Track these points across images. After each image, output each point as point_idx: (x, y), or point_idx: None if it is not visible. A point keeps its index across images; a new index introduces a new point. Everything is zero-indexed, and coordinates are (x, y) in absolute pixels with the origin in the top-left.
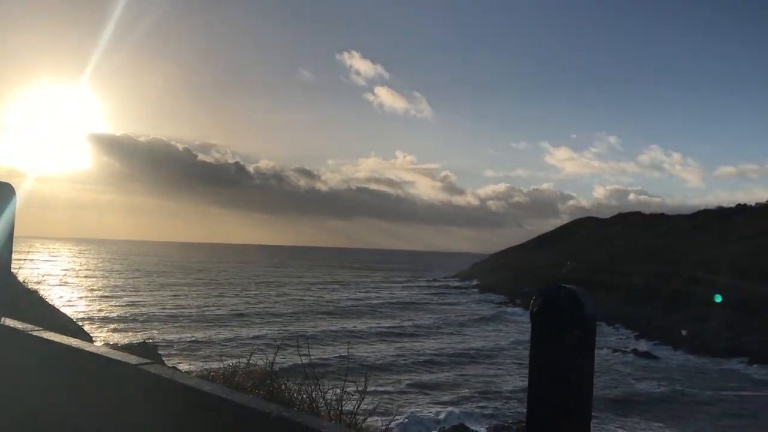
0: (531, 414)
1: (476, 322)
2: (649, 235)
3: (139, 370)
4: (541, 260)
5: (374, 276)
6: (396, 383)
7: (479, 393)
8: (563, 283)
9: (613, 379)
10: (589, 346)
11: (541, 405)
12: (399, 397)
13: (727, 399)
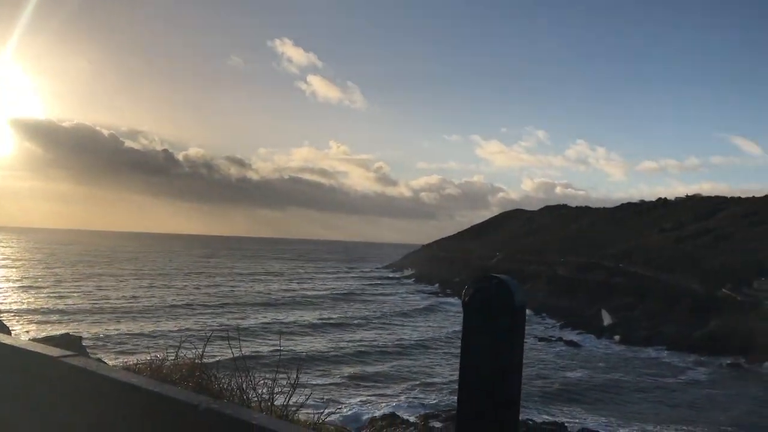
0: (461, 400)
1: (411, 313)
2: (574, 227)
3: (61, 362)
4: (472, 251)
5: (307, 267)
6: (330, 375)
7: (412, 383)
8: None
9: (542, 367)
10: (519, 334)
11: (471, 392)
12: (333, 389)
13: (652, 386)
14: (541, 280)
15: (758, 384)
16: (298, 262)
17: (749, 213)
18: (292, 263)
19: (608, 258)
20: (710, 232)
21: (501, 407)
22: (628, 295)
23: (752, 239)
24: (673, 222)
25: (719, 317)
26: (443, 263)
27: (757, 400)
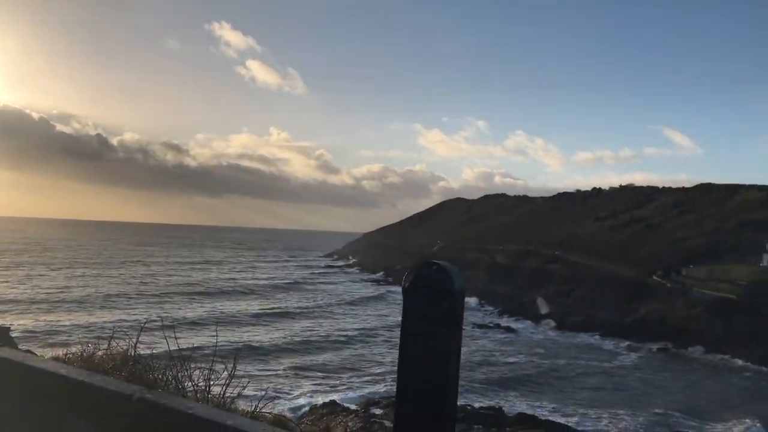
0: (401, 384)
1: (355, 302)
2: (513, 216)
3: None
4: (414, 239)
5: (248, 255)
6: (271, 365)
7: (354, 372)
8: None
9: (481, 354)
10: (458, 320)
11: (410, 376)
12: (274, 379)
13: (587, 370)
14: (481, 268)
15: (686, 367)
16: (238, 250)
17: (679, 203)
18: (231, 252)
19: (545, 246)
20: (642, 221)
21: (439, 391)
22: (564, 282)
23: (681, 228)
24: (607, 211)
25: (650, 304)
26: (385, 251)
27: (685, 382)
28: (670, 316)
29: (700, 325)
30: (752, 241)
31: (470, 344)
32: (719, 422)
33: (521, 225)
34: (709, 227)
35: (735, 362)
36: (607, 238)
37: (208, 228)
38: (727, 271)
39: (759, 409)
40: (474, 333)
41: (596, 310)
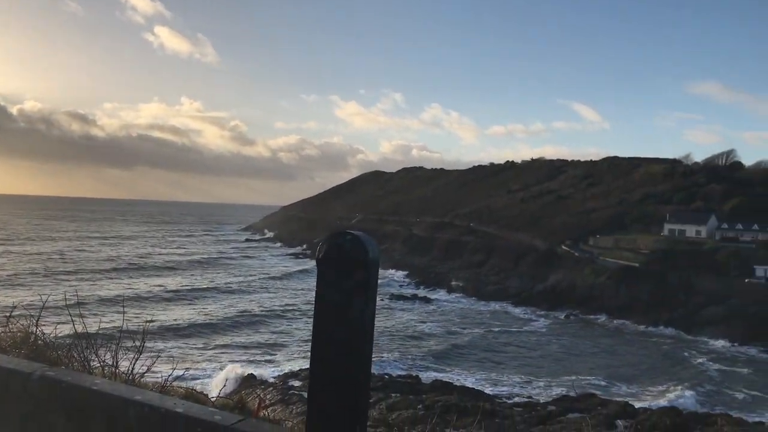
0: (315, 355)
1: (276, 278)
2: (430, 188)
3: None
4: (333, 212)
5: (162, 229)
6: (188, 341)
7: (274, 346)
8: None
9: (398, 323)
10: (372, 289)
11: (325, 346)
12: (190, 355)
13: (501, 336)
14: (398, 240)
15: (594, 333)
16: (151, 224)
17: (588, 175)
18: (144, 226)
19: (460, 217)
20: (553, 193)
21: (354, 361)
22: (478, 252)
23: (589, 200)
24: (519, 183)
25: (559, 272)
26: (304, 225)
27: (598, 347)
28: (578, 284)
29: (606, 292)
30: (654, 212)
31: (388, 315)
32: (643, 387)
33: (438, 197)
34: (615, 199)
35: (636, 327)
36: (520, 210)
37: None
38: (631, 241)
39: (681, 374)
40: (391, 304)
41: (508, 278)
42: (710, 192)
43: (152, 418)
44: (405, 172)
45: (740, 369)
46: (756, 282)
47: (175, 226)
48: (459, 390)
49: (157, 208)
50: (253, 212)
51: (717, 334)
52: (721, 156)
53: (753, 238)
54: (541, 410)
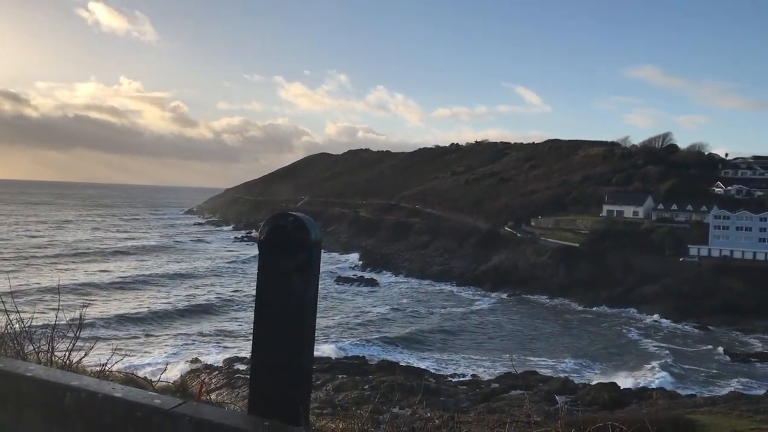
0: (257, 337)
1: (226, 263)
2: (376, 170)
3: None
4: (279, 194)
5: (104, 213)
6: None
7: (221, 331)
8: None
9: (345, 305)
10: (314, 270)
11: (267, 328)
12: (133, 339)
13: (447, 316)
14: (345, 222)
15: (533, 312)
16: (91, 208)
17: (530, 158)
18: (84, 210)
19: (406, 199)
20: (496, 175)
21: (296, 342)
22: (424, 233)
23: (531, 181)
24: (464, 166)
25: (502, 253)
26: (250, 207)
27: (533, 325)
28: (520, 264)
29: (547, 271)
30: (594, 193)
31: (335, 296)
32: (583, 363)
33: (384, 179)
34: (556, 180)
35: (577, 306)
36: (464, 192)
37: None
38: (571, 221)
39: (620, 350)
40: (338, 286)
41: (453, 259)
42: (647, 174)
43: (90, 404)
44: (351, 154)
45: (675, 345)
46: (689, 261)
47: (117, 209)
48: (405, 370)
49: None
50: (197, 195)
51: (653, 312)
52: (658, 139)
53: (687, 219)
54: (485, 388)
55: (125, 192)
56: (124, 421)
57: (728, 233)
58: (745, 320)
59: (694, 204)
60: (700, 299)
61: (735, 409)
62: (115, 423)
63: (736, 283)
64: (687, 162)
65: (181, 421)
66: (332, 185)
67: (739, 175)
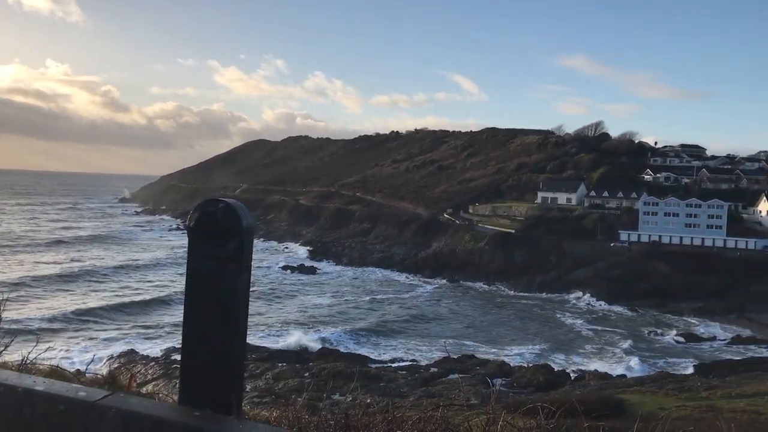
0: (188, 328)
1: (168, 255)
2: (315, 158)
3: None
4: (216, 181)
5: (34, 201)
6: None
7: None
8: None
9: (286, 294)
10: (246, 259)
11: (198, 318)
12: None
13: (391, 302)
14: (284, 210)
15: (471, 297)
16: (20, 196)
17: (468, 146)
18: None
19: (347, 187)
20: (435, 163)
21: (228, 332)
22: (364, 221)
23: (469, 169)
24: (404, 153)
25: (440, 239)
26: (187, 195)
27: (471, 310)
28: (458, 250)
29: (484, 257)
30: (529, 180)
31: (276, 286)
32: (519, 346)
33: (324, 167)
34: (493, 168)
35: (513, 291)
36: (404, 179)
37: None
38: (507, 208)
39: (554, 333)
40: (279, 275)
41: (394, 246)
42: (580, 162)
43: (8, 398)
44: (290, 141)
45: (607, 327)
46: (620, 246)
47: (49, 197)
48: (345, 357)
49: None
50: (131, 182)
51: (586, 295)
52: (590, 127)
53: (618, 205)
54: (424, 372)
55: (56, 179)
56: (45, 415)
57: (657, 219)
58: (673, 302)
59: (625, 191)
60: (631, 282)
61: (662, 388)
62: (34, 417)
63: (665, 267)
64: (618, 150)
65: (107, 413)
66: (271, 172)
67: (667, 162)
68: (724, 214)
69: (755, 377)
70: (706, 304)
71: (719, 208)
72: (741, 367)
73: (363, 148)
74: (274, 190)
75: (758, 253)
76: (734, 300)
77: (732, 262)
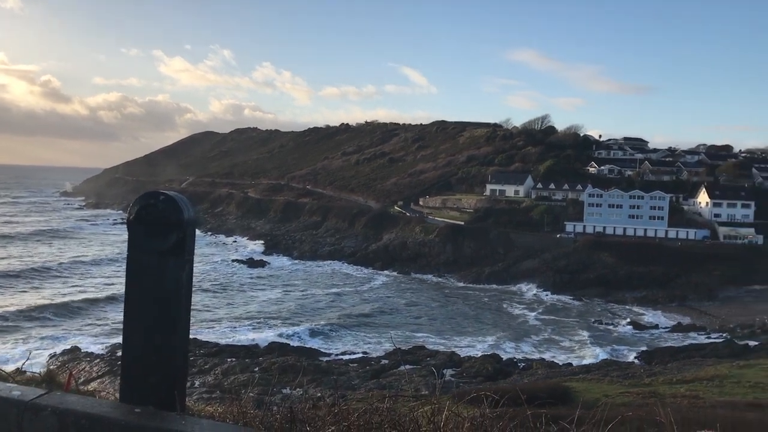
0: (129, 322)
1: (112, 249)
2: (264, 150)
3: None
4: (162, 174)
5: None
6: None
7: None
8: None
9: (237, 288)
10: (188, 251)
11: (138, 313)
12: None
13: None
14: (233, 203)
15: (422, 289)
16: None
17: (418, 138)
18: None
19: (297, 179)
20: (385, 156)
21: (170, 326)
22: (315, 214)
23: (419, 162)
24: (354, 146)
25: (391, 232)
26: (132, 188)
27: (422, 301)
28: (409, 243)
29: (435, 249)
30: (478, 173)
31: (224, 280)
32: (468, 337)
33: (273, 159)
34: (443, 161)
35: (463, 282)
36: (355, 172)
37: None
38: (457, 200)
39: (503, 324)
40: (228, 269)
41: (345, 239)
42: (527, 154)
43: None
44: (238, 133)
45: (555, 317)
46: (566, 237)
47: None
48: (296, 350)
49: None
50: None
51: (533, 286)
52: (537, 121)
53: (564, 197)
54: (375, 365)
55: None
56: None
57: (601, 211)
58: (617, 292)
59: (570, 183)
60: (577, 273)
61: (607, 375)
62: None
63: (609, 258)
64: (564, 143)
65: (42, 412)
66: (219, 165)
67: (611, 155)
68: (665, 206)
69: (694, 363)
70: (649, 294)
71: (661, 199)
72: (682, 354)
73: (313, 140)
74: (222, 183)
75: (698, 243)
76: (675, 289)
77: (673, 253)
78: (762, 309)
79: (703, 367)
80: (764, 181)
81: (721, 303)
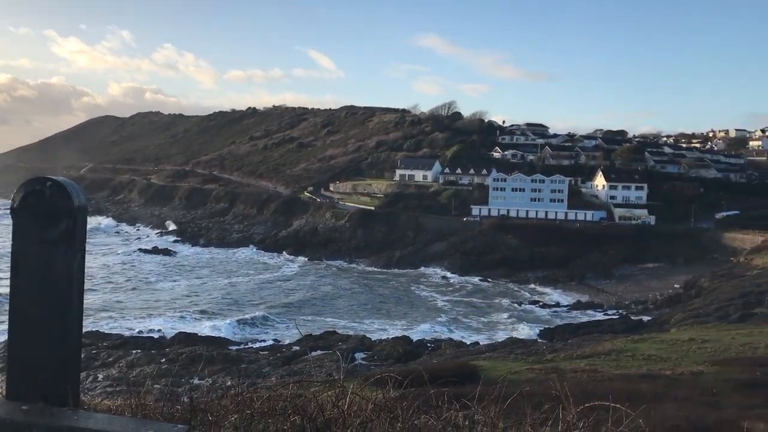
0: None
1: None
2: (168, 134)
3: None
4: (59, 160)
5: None
6: None
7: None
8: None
9: (141, 278)
10: (80, 240)
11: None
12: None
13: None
14: (135, 190)
15: (333, 274)
16: None
17: (327, 123)
18: None
19: (202, 165)
20: (295, 140)
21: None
22: (222, 200)
23: (329, 147)
24: (262, 130)
25: (301, 218)
26: (25, 176)
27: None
28: (320, 228)
29: (346, 234)
30: (387, 158)
31: (128, 270)
32: (380, 321)
33: (177, 144)
34: (352, 146)
35: (373, 266)
36: (263, 157)
37: None
38: (367, 186)
39: (414, 306)
40: (132, 259)
41: (253, 226)
42: (435, 140)
43: None
44: (140, 117)
45: (461, 297)
46: (472, 220)
47: None
48: (204, 340)
49: None
50: None
51: (442, 268)
52: (444, 107)
53: (470, 182)
54: (286, 351)
55: None
56: None
57: (505, 194)
58: (520, 272)
59: (476, 168)
60: (483, 255)
61: (512, 353)
62: None
63: (512, 240)
64: (469, 129)
65: None
66: (120, 150)
67: (514, 140)
68: (565, 189)
69: (593, 339)
70: (550, 273)
71: (561, 183)
72: (581, 331)
73: (219, 124)
74: (124, 169)
75: (595, 224)
76: (575, 269)
77: (572, 233)
78: (654, 286)
79: (601, 342)
80: (656, 165)
81: (617, 281)
